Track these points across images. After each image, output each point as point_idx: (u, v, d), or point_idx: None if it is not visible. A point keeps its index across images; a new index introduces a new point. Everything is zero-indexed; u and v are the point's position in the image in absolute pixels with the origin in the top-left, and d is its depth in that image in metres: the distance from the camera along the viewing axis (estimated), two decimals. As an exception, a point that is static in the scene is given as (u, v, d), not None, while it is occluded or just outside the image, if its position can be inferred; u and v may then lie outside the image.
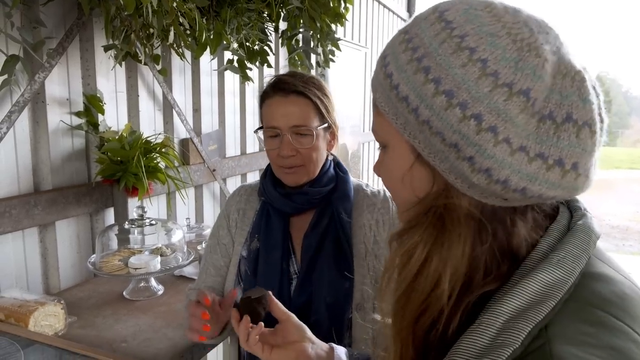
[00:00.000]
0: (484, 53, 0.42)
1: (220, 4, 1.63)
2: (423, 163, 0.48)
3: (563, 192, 0.44)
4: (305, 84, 1.04)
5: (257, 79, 2.47)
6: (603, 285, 0.45)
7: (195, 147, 2.06)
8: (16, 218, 1.37)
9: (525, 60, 0.42)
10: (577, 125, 0.42)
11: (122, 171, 1.54)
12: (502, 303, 0.43)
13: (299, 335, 0.82)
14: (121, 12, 1.31)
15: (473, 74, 0.42)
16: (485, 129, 0.42)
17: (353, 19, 3.64)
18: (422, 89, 0.45)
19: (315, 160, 1.07)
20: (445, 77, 0.43)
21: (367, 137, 4.21)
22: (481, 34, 0.43)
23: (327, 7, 1.94)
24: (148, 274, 1.38)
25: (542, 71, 0.42)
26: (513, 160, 0.42)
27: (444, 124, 0.44)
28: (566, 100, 0.42)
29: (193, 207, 2.18)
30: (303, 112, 1.03)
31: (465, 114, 0.42)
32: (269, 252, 1.06)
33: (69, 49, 1.50)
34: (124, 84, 1.75)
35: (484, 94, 0.42)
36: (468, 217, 0.46)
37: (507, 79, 0.41)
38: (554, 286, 0.43)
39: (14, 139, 1.39)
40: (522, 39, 0.43)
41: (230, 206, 1.17)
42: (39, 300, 1.20)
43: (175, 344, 1.17)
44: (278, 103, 1.03)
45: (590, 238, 0.47)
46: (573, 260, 0.45)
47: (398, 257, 0.50)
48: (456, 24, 0.44)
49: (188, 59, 1.96)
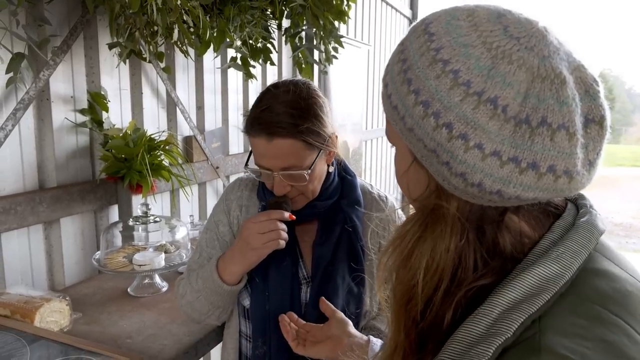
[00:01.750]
0: (456, 64, 0.44)
1: (223, 2, 1.63)
2: (419, 165, 0.51)
3: (544, 194, 0.45)
4: (290, 118, 0.94)
5: (260, 77, 2.48)
6: (604, 281, 0.46)
7: (198, 144, 2.06)
8: (21, 215, 1.38)
9: (497, 68, 0.43)
10: (552, 129, 0.43)
11: (126, 168, 1.55)
12: (499, 295, 0.45)
13: (340, 329, 0.92)
14: (126, 10, 1.31)
15: (445, 85, 0.45)
16: (456, 137, 0.44)
17: (356, 16, 3.63)
18: (406, 99, 0.48)
19: (315, 187, 1.03)
20: (423, 89, 0.46)
21: (368, 135, 4.21)
22: (455, 45, 0.45)
23: (330, 4, 1.94)
24: (152, 270, 1.39)
25: (512, 78, 0.43)
26: (484, 165, 0.44)
27: (422, 132, 0.47)
28: (542, 104, 0.43)
29: (196, 204, 2.18)
30: (291, 154, 0.96)
31: (438, 123, 0.45)
32: (280, 259, 1.03)
33: (73, 46, 1.51)
34: (128, 82, 1.76)
35: (454, 104, 0.44)
36: (454, 217, 0.49)
37: (478, 87, 0.43)
38: (550, 280, 0.44)
39: (19, 137, 1.40)
40: (497, 47, 0.44)
41: (230, 201, 1.13)
42: (44, 297, 1.21)
43: (179, 340, 1.18)
44: (262, 146, 0.96)
45: (592, 235, 0.48)
46: (572, 255, 0.46)
47: (391, 244, 0.54)
48: (436, 36, 0.47)
49: (192, 56, 1.96)
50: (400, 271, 0.53)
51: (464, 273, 0.49)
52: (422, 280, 0.50)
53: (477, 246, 0.49)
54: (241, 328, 1.12)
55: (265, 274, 1.04)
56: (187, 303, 1.07)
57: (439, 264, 0.49)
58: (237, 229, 1.11)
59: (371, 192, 1.14)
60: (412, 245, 0.51)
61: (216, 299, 1.02)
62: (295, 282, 1.03)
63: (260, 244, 0.95)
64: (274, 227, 0.95)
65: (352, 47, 3.46)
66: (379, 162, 4.62)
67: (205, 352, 1.23)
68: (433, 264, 0.49)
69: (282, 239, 0.96)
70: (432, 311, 0.50)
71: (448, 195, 0.49)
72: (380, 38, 4.31)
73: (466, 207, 0.49)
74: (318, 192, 1.05)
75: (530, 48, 0.44)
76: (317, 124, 0.97)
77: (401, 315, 0.53)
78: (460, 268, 0.49)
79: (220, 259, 1.02)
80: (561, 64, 0.44)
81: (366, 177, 4.24)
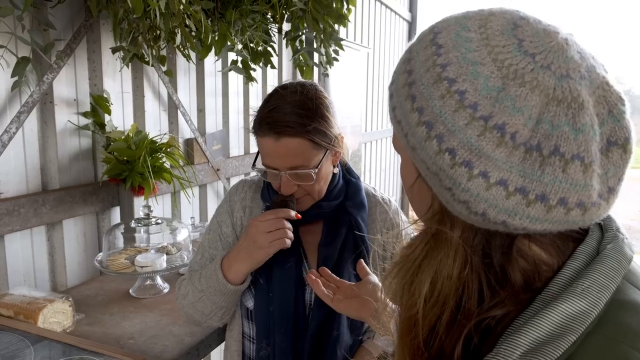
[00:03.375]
0: (462, 84, 0.41)
1: (225, 6, 1.65)
2: (423, 181, 0.48)
3: (554, 226, 0.41)
4: (297, 117, 0.95)
5: (260, 80, 2.49)
6: (631, 315, 0.42)
7: (199, 146, 2.08)
8: (24, 217, 1.39)
9: (508, 90, 0.39)
10: (565, 159, 0.39)
11: (129, 170, 1.56)
12: (520, 334, 0.41)
13: (371, 293, 0.89)
14: (129, 14, 1.33)
15: (450, 107, 0.41)
16: (459, 164, 0.41)
17: (355, 19, 3.65)
18: (409, 116, 0.44)
19: (321, 188, 1.03)
20: (427, 108, 0.42)
21: (368, 137, 4.23)
22: (463, 62, 0.41)
23: (330, 8, 1.95)
24: (154, 272, 1.40)
25: (524, 102, 0.39)
26: (489, 195, 0.40)
27: (425, 154, 0.43)
28: (556, 130, 0.39)
29: (197, 206, 2.20)
30: (299, 153, 0.96)
31: (441, 148, 0.41)
32: (284, 259, 1.03)
33: (77, 50, 1.52)
34: (130, 85, 1.78)
35: (459, 128, 0.40)
36: (457, 243, 0.45)
37: (485, 111, 0.40)
38: (576, 318, 0.40)
39: (22, 139, 1.42)
40: (510, 65, 0.40)
41: (234, 202, 1.13)
42: (47, 298, 1.23)
43: (181, 340, 1.20)
44: (270, 145, 0.97)
45: (620, 264, 0.44)
46: (599, 290, 0.42)
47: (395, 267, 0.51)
48: (444, 49, 0.43)
49: (193, 60, 1.98)
50: (402, 297, 0.50)
51: (470, 302, 0.45)
52: (423, 308, 0.47)
53: (484, 274, 0.45)
54: (244, 330, 1.12)
55: (269, 275, 1.04)
56: (189, 304, 1.07)
57: (441, 292, 0.46)
58: (240, 230, 1.12)
59: (374, 194, 1.15)
60: (413, 270, 0.48)
61: (220, 299, 1.02)
62: (300, 283, 1.03)
63: (267, 243, 0.95)
64: (280, 225, 0.96)
65: (351, 50, 3.48)
66: (378, 165, 4.64)
67: (206, 353, 1.25)
68: (435, 291, 0.46)
69: (288, 237, 0.97)
70: (437, 341, 0.47)
71: (452, 218, 0.45)
72: (379, 41, 4.33)
73: (471, 233, 0.45)
74: (324, 193, 1.05)
75: (547, 66, 0.40)
76: (323, 124, 0.98)
77: (405, 341, 0.50)
78: (465, 297, 0.45)
79: (224, 258, 1.02)
80: (581, 84, 0.40)
81: (365, 180, 4.25)
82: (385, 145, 4.80)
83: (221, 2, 1.65)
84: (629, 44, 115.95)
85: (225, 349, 1.18)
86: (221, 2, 1.65)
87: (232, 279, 1.00)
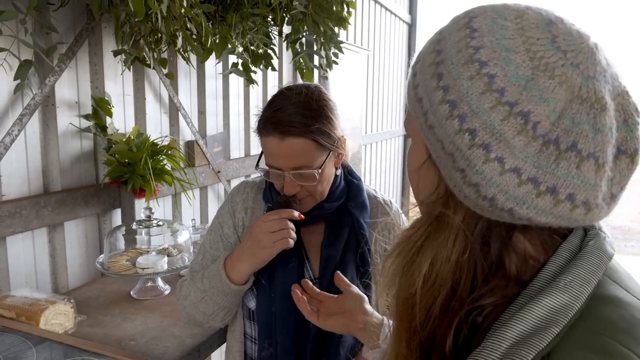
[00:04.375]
0: (494, 68, 0.41)
1: (226, 9, 1.66)
2: (432, 164, 0.48)
3: (557, 220, 0.42)
4: (302, 118, 0.96)
5: (261, 82, 2.50)
6: (611, 309, 0.43)
7: (200, 149, 2.09)
8: (26, 218, 1.40)
9: (537, 80, 0.40)
10: (580, 156, 0.40)
11: (130, 173, 1.57)
12: (507, 327, 0.42)
13: (356, 305, 0.89)
14: (131, 18, 1.34)
15: (478, 88, 0.41)
16: (478, 145, 0.41)
17: (355, 21, 3.66)
18: (433, 94, 0.45)
19: (324, 189, 1.04)
20: (453, 87, 0.43)
21: (368, 139, 4.24)
22: (497, 47, 0.42)
23: (330, 11, 1.96)
24: (155, 273, 1.40)
25: (551, 94, 0.40)
26: (501, 180, 0.41)
27: (443, 133, 0.44)
28: (576, 127, 0.40)
29: (198, 208, 2.21)
30: (303, 154, 0.97)
31: (462, 127, 0.42)
32: (286, 260, 1.03)
33: (78, 53, 1.53)
34: (131, 87, 1.79)
35: (483, 110, 0.41)
36: (459, 227, 0.46)
37: (512, 97, 0.40)
38: (560, 311, 0.42)
39: (24, 141, 1.43)
40: (542, 57, 0.41)
41: (236, 203, 1.13)
42: (49, 299, 1.23)
43: (182, 342, 1.20)
44: (275, 145, 0.97)
45: (601, 260, 0.46)
46: (581, 284, 0.43)
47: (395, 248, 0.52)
48: (478, 33, 0.43)
49: (194, 63, 1.99)
50: (402, 277, 0.51)
51: (464, 288, 0.47)
52: (421, 288, 0.48)
53: (481, 262, 0.46)
54: (246, 330, 1.13)
55: (272, 275, 1.04)
56: (191, 304, 1.07)
57: (439, 274, 0.47)
58: (242, 231, 1.12)
59: (376, 196, 1.15)
60: (414, 251, 0.49)
61: (222, 299, 1.03)
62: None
63: (270, 243, 0.96)
64: (284, 226, 0.96)
65: (351, 53, 3.49)
66: (378, 167, 4.64)
67: (207, 354, 1.25)
68: (433, 272, 0.47)
69: (291, 237, 0.97)
70: (431, 323, 0.48)
71: (456, 202, 0.46)
72: (379, 43, 4.34)
73: (473, 219, 0.46)
74: (326, 194, 1.06)
75: (576, 65, 0.41)
76: (327, 125, 0.99)
77: (402, 323, 0.51)
78: (460, 282, 0.47)
79: (227, 258, 1.02)
80: (605, 88, 0.41)
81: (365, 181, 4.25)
82: (386, 147, 4.81)
83: (222, 5, 1.66)
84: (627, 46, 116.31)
85: (227, 350, 1.19)
86: (222, 5, 1.66)
87: (235, 279, 1.00)
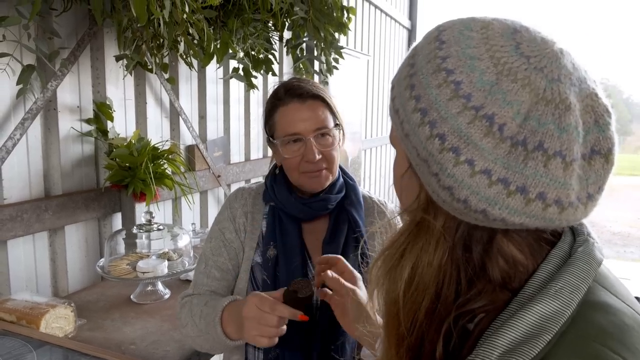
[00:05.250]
0: (459, 75, 0.43)
1: (227, 15, 1.67)
2: (413, 172, 0.50)
3: (531, 221, 0.43)
4: (317, 87, 1.05)
5: (261, 87, 2.51)
6: (602, 315, 0.44)
7: (200, 153, 2.09)
8: (27, 222, 1.40)
9: (500, 84, 0.42)
10: (547, 155, 0.41)
11: (130, 177, 1.58)
12: (498, 335, 0.43)
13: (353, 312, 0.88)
14: (133, 23, 1.35)
15: (445, 95, 0.43)
16: (447, 149, 0.43)
17: (355, 26, 3.68)
18: (407, 104, 0.47)
19: (336, 161, 1.08)
20: (423, 96, 0.45)
21: (367, 144, 4.25)
22: (462, 56, 0.44)
23: (330, 17, 1.98)
24: (155, 278, 1.41)
25: (514, 97, 0.41)
26: (472, 181, 0.43)
27: (417, 139, 0.46)
28: (542, 127, 0.41)
29: (198, 212, 2.21)
30: (322, 115, 1.03)
31: (432, 133, 0.44)
32: (289, 259, 1.04)
33: (80, 58, 1.54)
34: (133, 92, 1.79)
35: (451, 115, 0.43)
36: (439, 232, 0.48)
37: (477, 102, 0.42)
38: (551, 318, 0.42)
39: (26, 146, 1.43)
40: (505, 63, 0.43)
41: (235, 209, 1.12)
42: (49, 303, 1.24)
43: (182, 346, 1.20)
44: (296, 109, 1.03)
45: (590, 267, 0.46)
46: (571, 291, 0.44)
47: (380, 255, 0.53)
48: (446, 44, 0.46)
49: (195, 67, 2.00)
50: (386, 282, 0.52)
51: (448, 292, 0.47)
52: (404, 293, 0.49)
53: (464, 266, 0.47)
54: None
55: (275, 275, 1.04)
56: (188, 336, 1.05)
57: (422, 278, 0.48)
58: (244, 236, 1.11)
59: (371, 197, 1.16)
60: (397, 256, 0.50)
61: (219, 347, 1.01)
62: None
63: (251, 334, 0.88)
64: (271, 323, 0.87)
65: (351, 57, 3.51)
66: (377, 171, 4.65)
67: (207, 358, 1.25)
68: (415, 276, 0.48)
69: (273, 343, 0.88)
70: (418, 329, 0.49)
71: (436, 208, 0.48)
72: (379, 49, 4.36)
73: (453, 224, 0.47)
74: (336, 174, 1.09)
75: (540, 69, 0.42)
76: (335, 109, 1.07)
77: (389, 328, 0.52)
78: (444, 286, 0.47)
79: (225, 310, 0.97)
80: (570, 90, 0.42)
81: (365, 186, 4.27)
82: (385, 152, 4.82)
83: (223, 11, 1.67)
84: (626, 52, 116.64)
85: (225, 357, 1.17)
86: (223, 11, 1.67)
87: (231, 334, 0.96)
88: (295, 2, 1.81)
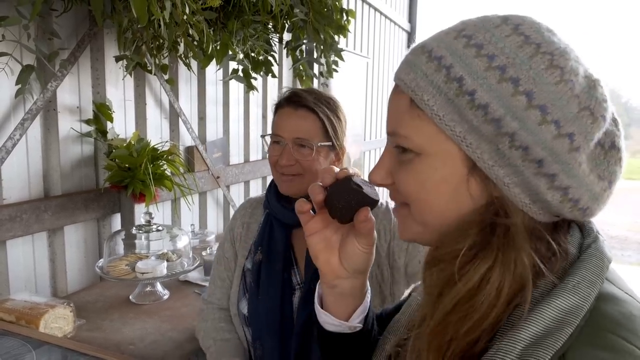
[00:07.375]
0: (570, 75, 0.44)
1: (227, 16, 1.68)
2: (478, 175, 0.46)
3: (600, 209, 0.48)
4: (317, 101, 1.06)
5: (261, 89, 2.52)
6: (611, 306, 0.45)
7: (200, 154, 2.10)
8: (27, 223, 1.40)
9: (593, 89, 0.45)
10: (620, 152, 0.47)
11: (130, 178, 1.58)
12: (520, 329, 0.42)
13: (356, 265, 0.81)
14: (133, 24, 1.35)
15: (565, 94, 0.43)
16: (575, 149, 0.44)
17: (355, 29, 3.69)
18: (511, 100, 0.43)
19: (314, 173, 1.06)
20: (539, 92, 0.43)
21: (369, 146, 4.25)
22: (565, 55, 0.45)
23: (330, 19, 1.99)
24: (154, 278, 1.41)
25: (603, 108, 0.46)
26: (588, 180, 0.45)
27: (534, 139, 0.43)
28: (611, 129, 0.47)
29: (197, 213, 2.21)
30: (308, 127, 1.05)
31: (560, 132, 0.43)
32: (271, 263, 1.07)
33: (80, 58, 1.54)
34: (132, 93, 1.80)
35: (573, 115, 0.44)
36: (525, 233, 0.46)
37: (586, 103, 0.44)
38: (571, 312, 0.43)
39: (26, 146, 1.43)
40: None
41: (235, 220, 1.19)
42: (49, 303, 1.24)
43: (181, 346, 1.20)
44: (287, 114, 1.07)
45: (603, 263, 0.47)
46: (588, 286, 0.44)
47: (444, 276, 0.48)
48: (537, 40, 0.45)
49: (194, 69, 2.00)
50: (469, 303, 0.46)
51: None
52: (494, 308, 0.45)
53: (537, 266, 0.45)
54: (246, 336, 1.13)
55: (258, 279, 1.07)
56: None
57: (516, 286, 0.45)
58: (239, 244, 1.16)
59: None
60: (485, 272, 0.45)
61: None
62: (287, 288, 1.05)
63: None
64: None
65: (352, 59, 3.51)
66: (377, 173, 4.65)
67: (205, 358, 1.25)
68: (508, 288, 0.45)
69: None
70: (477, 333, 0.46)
71: (515, 209, 0.46)
72: (379, 51, 4.37)
73: (531, 223, 0.47)
74: None
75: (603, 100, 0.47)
76: (336, 123, 1.08)
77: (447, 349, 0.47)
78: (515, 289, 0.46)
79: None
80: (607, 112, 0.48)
81: (364, 188, 4.26)
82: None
83: (223, 13, 1.67)
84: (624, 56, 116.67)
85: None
86: (223, 13, 1.67)
87: None
88: (295, 4, 1.82)
